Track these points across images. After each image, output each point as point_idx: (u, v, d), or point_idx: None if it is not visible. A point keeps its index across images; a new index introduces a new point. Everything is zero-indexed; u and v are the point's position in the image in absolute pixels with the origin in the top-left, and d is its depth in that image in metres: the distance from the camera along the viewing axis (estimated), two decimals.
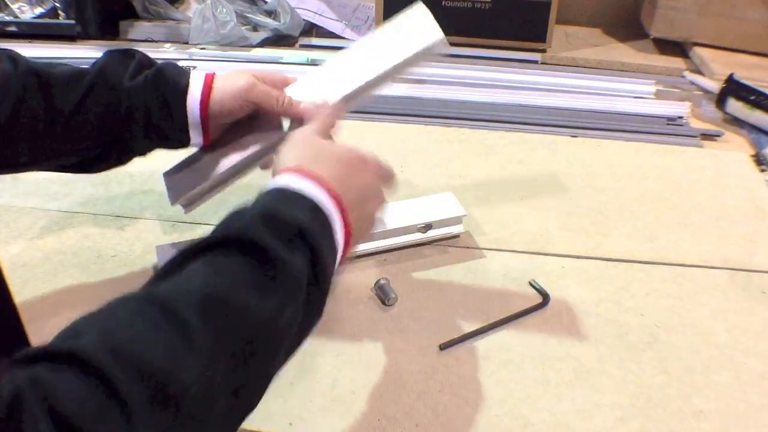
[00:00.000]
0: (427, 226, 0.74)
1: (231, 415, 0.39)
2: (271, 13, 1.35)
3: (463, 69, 1.17)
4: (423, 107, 1.04)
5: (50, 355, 0.33)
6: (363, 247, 0.70)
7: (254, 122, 0.64)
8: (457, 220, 0.76)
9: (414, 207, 0.76)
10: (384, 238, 0.73)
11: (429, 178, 0.86)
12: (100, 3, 1.34)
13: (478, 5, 1.22)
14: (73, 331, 0.36)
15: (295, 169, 0.49)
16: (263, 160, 0.64)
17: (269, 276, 0.41)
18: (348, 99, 0.63)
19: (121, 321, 0.37)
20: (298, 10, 1.35)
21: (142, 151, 0.64)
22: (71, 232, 0.76)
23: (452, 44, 0.65)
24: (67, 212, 0.79)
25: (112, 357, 0.33)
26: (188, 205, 0.68)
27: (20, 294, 0.68)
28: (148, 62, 0.63)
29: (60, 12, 1.37)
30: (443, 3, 1.22)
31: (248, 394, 0.40)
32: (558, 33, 1.28)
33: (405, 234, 0.74)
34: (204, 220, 0.78)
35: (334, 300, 0.67)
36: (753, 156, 0.94)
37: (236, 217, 0.46)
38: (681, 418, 0.56)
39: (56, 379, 0.32)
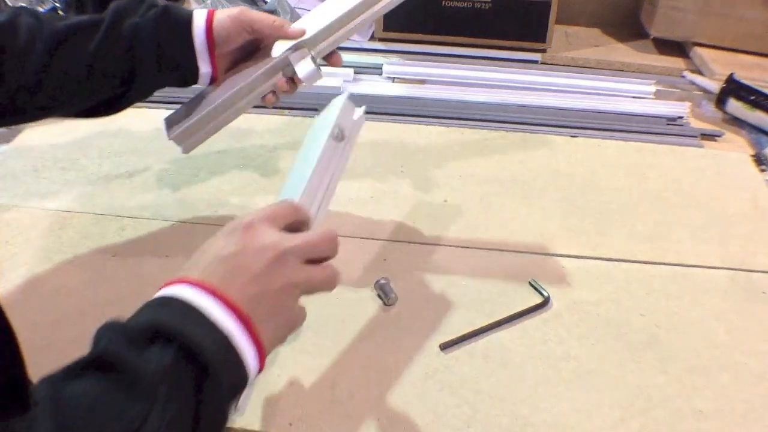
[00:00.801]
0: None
1: None
2: (271, 13, 1.35)
3: (463, 69, 1.17)
4: (423, 107, 1.04)
5: None
6: None
7: (253, 58, 0.69)
8: None
9: None
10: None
11: (429, 178, 0.86)
12: (100, 3, 1.34)
13: (478, 5, 1.22)
14: None
15: (183, 279, 0.44)
16: (258, 93, 0.68)
17: (117, 386, 0.38)
18: (324, 36, 0.68)
19: None
20: (298, 10, 1.35)
21: (157, 86, 0.68)
22: (71, 232, 0.76)
23: (452, 44, 0.65)
24: (67, 212, 0.79)
25: None
26: (184, 141, 0.71)
27: (20, 294, 0.68)
28: (156, 4, 0.67)
29: (60, 12, 1.37)
30: (443, 3, 1.22)
31: None
32: (558, 33, 1.28)
33: None
34: (204, 220, 0.78)
35: (334, 300, 0.67)
36: (753, 156, 0.94)
37: (103, 332, 0.42)
38: (681, 418, 0.56)
39: None
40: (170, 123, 0.71)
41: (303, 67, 0.67)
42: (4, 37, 0.61)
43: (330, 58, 0.71)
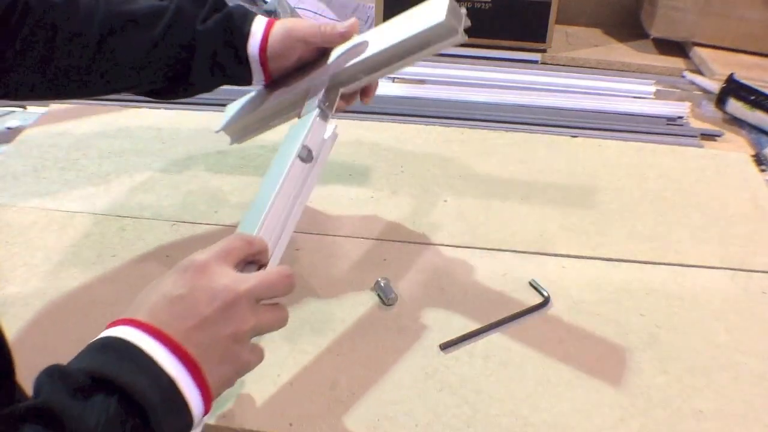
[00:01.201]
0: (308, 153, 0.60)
1: None
2: (271, 13, 1.35)
3: (463, 69, 1.17)
4: (423, 107, 1.04)
5: None
6: None
7: (307, 67, 0.67)
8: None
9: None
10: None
11: (429, 178, 0.86)
12: None
13: (478, 5, 1.22)
14: None
15: (130, 320, 0.43)
16: (295, 114, 0.66)
17: None
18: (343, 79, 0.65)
19: None
20: (298, 10, 1.35)
21: (207, 87, 0.68)
22: (71, 232, 0.76)
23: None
24: (67, 212, 0.79)
25: None
26: (234, 135, 0.75)
27: (20, 294, 0.68)
28: (221, 4, 0.67)
29: None
30: None
31: None
32: (558, 33, 1.28)
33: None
34: (204, 220, 0.78)
35: (335, 300, 0.67)
36: (753, 156, 0.94)
37: (44, 379, 0.40)
38: (681, 418, 0.56)
39: None
40: (227, 115, 0.74)
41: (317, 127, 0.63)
42: (61, 16, 0.61)
43: (363, 93, 0.68)
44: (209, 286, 0.44)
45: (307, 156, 0.58)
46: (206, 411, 0.43)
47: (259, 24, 0.65)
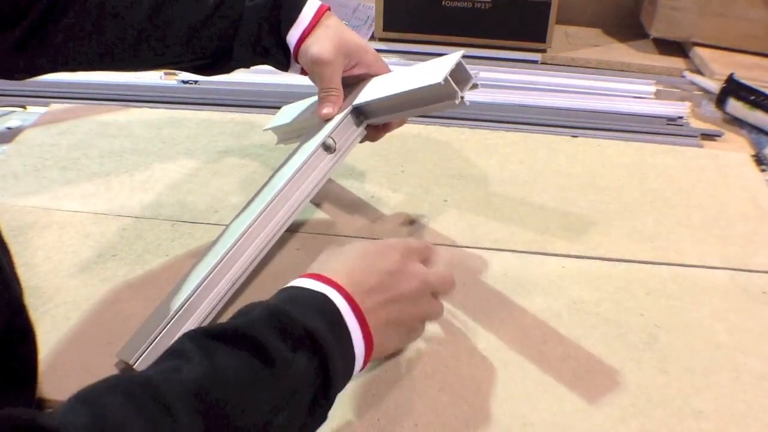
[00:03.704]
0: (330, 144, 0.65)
1: None
2: None
3: None
4: None
5: (34, 428, 0.33)
6: None
7: (355, 82, 0.69)
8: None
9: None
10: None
11: (429, 178, 0.86)
12: None
13: (478, 5, 1.22)
14: (66, 406, 0.35)
15: (315, 275, 0.49)
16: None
17: (267, 376, 0.40)
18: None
19: (111, 404, 0.36)
20: None
21: (248, 65, 0.69)
22: (72, 232, 0.76)
23: (452, 44, 0.64)
24: (67, 212, 0.79)
25: None
26: (280, 135, 0.80)
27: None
28: None
29: None
30: (443, 3, 1.22)
31: None
32: (558, 33, 1.28)
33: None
34: (204, 220, 0.78)
35: None
36: (753, 156, 0.94)
37: (246, 310, 0.45)
38: (681, 418, 0.56)
39: None
40: (281, 114, 0.77)
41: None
42: None
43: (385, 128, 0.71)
44: (410, 269, 0.53)
45: (330, 146, 0.60)
46: (365, 363, 0.49)
47: (309, 10, 0.65)
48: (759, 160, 0.93)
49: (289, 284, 0.49)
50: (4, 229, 0.77)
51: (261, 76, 1.13)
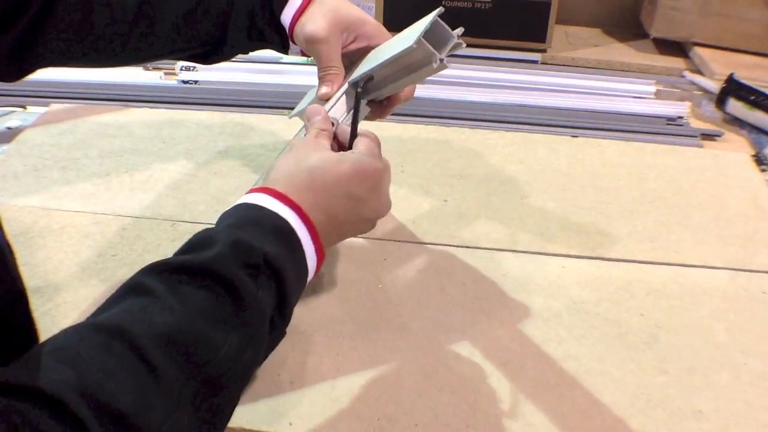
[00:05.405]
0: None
1: None
2: None
3: (463, 69, 1.17)
4: (423, 107, 1.04)
5: (21, 389, 0.32)
6: None
7: (361, 57, 0.66)
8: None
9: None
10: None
11: (429, 178, 0.86)
12: None
13: (478, 5, 1.22)
14: (40, 364, 0.35)
15: (273, 191, 0.51)
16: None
17: (236, 310, 0.41)
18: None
19: (90, 358, 0.36)
20: None
21: (246, 50, 0.70)
22: (72, 232, 0.76)
23: None
24: (67, 212, 0.79)
25: (84, 399, 0.33)
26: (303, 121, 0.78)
27: None
28: None
29: None
30: (443, 3, 1.22)
31: (212, 429, 0.41)
32: (558, 33, 1.28)
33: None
34: (204, 220, 0.78)
35: (335, 299, 0.67)
36: (753, 156, 0.94)
37: (207, 241, 0.45)
38: (681, 418, 0.56)
39: (30, 417, 0.31)
40: (306, 98, 0.74)
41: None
42: None
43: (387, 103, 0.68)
44: (336, 163, 0.54)
45: (358, 85, 0.61)
46: (316, 272, 0.52)
47: None
48: (759, 160, 0.93)
49: (245, 200, 0.52)
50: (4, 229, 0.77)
51: (261, 76, 1.13)
